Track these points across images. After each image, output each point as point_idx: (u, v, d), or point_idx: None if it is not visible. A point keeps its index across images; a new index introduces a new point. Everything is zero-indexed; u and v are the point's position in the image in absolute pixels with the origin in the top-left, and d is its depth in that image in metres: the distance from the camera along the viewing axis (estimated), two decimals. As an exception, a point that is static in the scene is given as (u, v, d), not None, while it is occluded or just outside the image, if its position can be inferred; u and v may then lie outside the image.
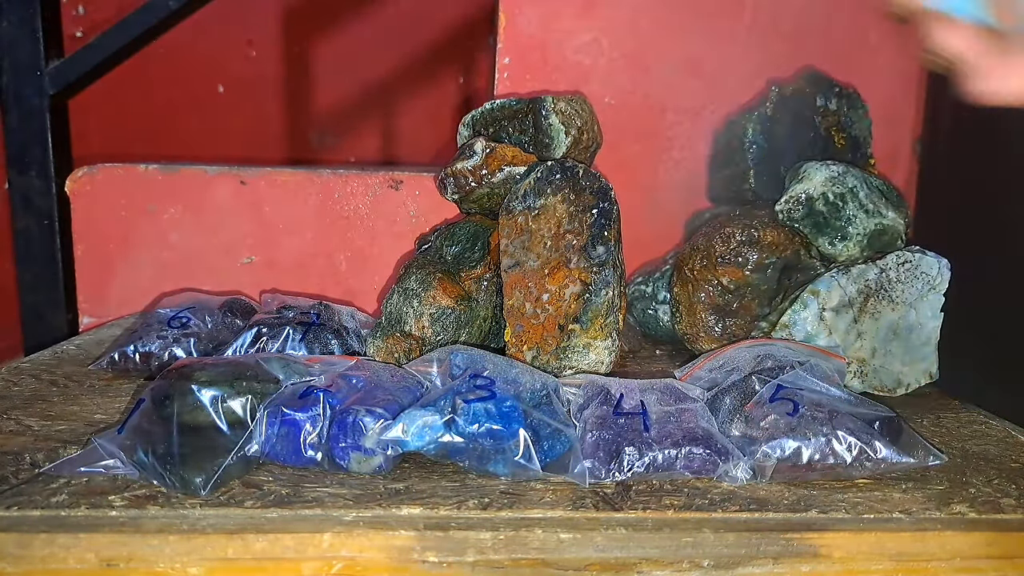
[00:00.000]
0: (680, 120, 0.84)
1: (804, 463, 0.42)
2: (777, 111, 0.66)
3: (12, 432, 0.47)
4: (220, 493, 0.40)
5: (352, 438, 0.42)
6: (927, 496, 0.41)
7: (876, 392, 0.58)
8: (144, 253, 0.80)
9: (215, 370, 0.44)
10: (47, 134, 0.84)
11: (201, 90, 1.26)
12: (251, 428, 0.42)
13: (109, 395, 0.55)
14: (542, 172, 0.55)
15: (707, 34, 0.83)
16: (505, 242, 0.55)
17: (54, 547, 0.35)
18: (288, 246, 0.81)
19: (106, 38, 0.84)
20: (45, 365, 0.62)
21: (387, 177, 0.80)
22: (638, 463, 0.42)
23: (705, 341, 0.62)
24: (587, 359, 0.55)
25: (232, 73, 1.26)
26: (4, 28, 0.83)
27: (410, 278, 0.57)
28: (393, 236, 0.81)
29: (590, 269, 0.54)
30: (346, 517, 0.37)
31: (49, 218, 0.85)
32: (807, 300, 0.56)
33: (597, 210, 0.55)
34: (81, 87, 0.88)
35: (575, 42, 0.82)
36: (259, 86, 1.27)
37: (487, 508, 0.39)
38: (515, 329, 0.55)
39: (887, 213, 0.59)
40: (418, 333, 0.55)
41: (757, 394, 0.46)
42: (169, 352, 0.60)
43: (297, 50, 1.27)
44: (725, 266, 0.60)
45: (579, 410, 0.46)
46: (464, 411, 0.42)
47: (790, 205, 0.59)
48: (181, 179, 0.80)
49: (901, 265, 0.57)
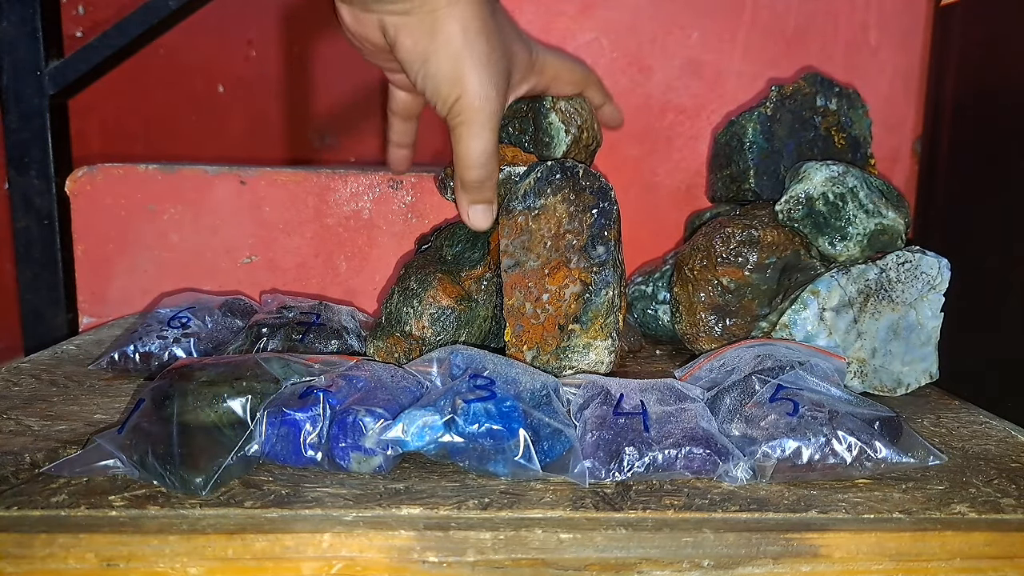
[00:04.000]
0: (680, 120, 0.84)
1: (804, 463, 0.42)
2: (777, 111, 0.66)
3: (12, 432, 0.47)
4: (220, 493, 0.40)
5: (352, 438, 0.42)
6: (927, 496, 0.41)
7: (876, 392, 0.58)
8: (144, 253, 0.80)
9: (215, 370, 0.44)
10: (47, 134, 0.84)
11: (201, 90, 1.26)
12: (251, 428, 0.42)
13: (109, 395, 0.55)
14: (542, 172, 0.55)
15: (707, 34, 0.83)
16: (505, 242, 0.55)
17: (54, 547, 0.35)
18: (288, 246, 0.81)
19: (106, 38, 0.84)
20: (45, 365, 0.62)
21: (387, 177, 0.80)
22: (638, 463, 0.42)
23: (705, 341, 0.62)
24: (587, 359, 0.55)
25: (232, 73, 1.26)
26: (4, 28, 0.83)
27: (410, 278, 0.57)
28: (393, 236, 0.81)
29: (590, 269, 0.54)
30: (346, 517, 0.37)
31: (49, 218, 0.85)
32: (807, 300, 0.56)
33: (597, 210, 0.55)
34: (81, 87, 0.88)
35: (575, 42, 0.82)
36: (259, 86, 1.27)
37: (487, 508, 0.39)
38: (515, 329, 0.55)
39: (887, 213, 0.59)
40: (418, 333, 0.55)
41: (757, 394, 0.46)
42: (169, 352, 0.60)
43: (297, 50, 1.27)
44: (725, 266, 0.60)
45: (579, 410, 0.46)
46: (464, 411, 0.42)
47: (790, 205, 0.59)
48: (181, 179, 0.80)
49: (901, 265, 0.57)
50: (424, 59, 0.50)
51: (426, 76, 0.50)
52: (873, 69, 0.84)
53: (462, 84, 0.50)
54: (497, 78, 0.51)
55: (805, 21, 0.83)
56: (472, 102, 0.50)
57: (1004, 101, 0.71)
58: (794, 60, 0.83)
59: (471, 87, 0.50)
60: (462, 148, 0.52)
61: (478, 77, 0.50)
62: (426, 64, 0.50)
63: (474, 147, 0.51)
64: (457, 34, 0.49)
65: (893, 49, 0.84)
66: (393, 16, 0.49)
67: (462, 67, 0.49)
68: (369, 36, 0.52)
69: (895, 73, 0.84)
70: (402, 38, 0.50)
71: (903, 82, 0.84)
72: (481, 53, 0.49)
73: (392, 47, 0.51)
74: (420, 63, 0.50)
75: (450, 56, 0.49)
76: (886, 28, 0.83)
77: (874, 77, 0.84)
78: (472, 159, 0.52)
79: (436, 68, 0.50)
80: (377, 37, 0.51)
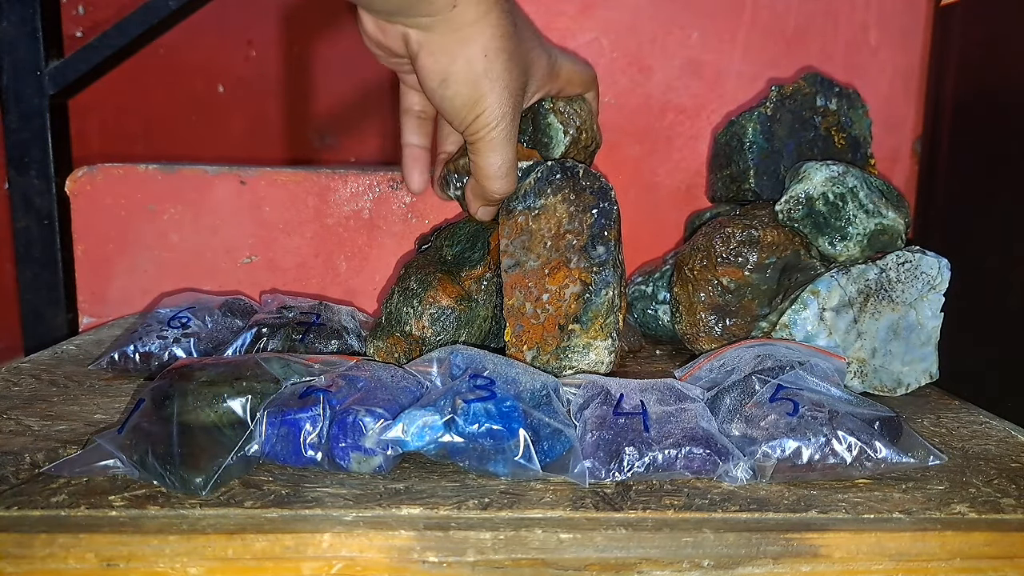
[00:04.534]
0: (680, 120, 0.84)
1: (804, 463, 0.42)
2: (777, 111, 0.66)
3: (12, 432, 0.47)
4: (220, 493, 0.40)
5: (352, 438, 0.42)
6: (927, 496, 0.41)
7: (876, 392, 0.58)
8: (144, 253, 0.80)
9: (215, 370, 0.44)
10: (47, 134, 0.84)
11: (201, 90, 1.26)
12: (251, 428, 0.42)
13: (109, 395, 0.55)
14: (542, 172, 0.55)
15: (707, 34, 0.83)
16: (505, 242, 0.55)
17: (54, 547, 0.35)
18: (288, 246, 0.81)
19: (106, 38, 0.84)
20: (45, 365, 0.62)
21: (387, 177, 0.80)
22: (638, 463, 0.42)
23: (705, 341, 0.62)
24: (587, 359, 0.55)
25: (232, 73, 1.26)
26: (4, 28, 0.83)
27: (410, 278, 0.57)
28: (393, 236, 0.81)
29: (590, 269, 0.54)
30: (346, 517, 0.37)
31: (49, 218, 0.85)
32: (807, 300, 0.56)
33: (597, 210, 0.55)
34: (81, 87, 0.88)
35: (575, 42, 0.82)
36: (259, 86, 1.27)
37: (487, 508, 0.39)
38: (515, 329, 0.55)
39: (887, 213, 0.59)
40: (418, 333, 0.55)
41: (757, 394, 0.46)
42: (169, 352, 0.60)
43: (297, 50, 1.27)
44: (725, 266, 0.60)
45: (579, 410, 0.46)
46: (464, 411, 0.42)
47: (790, 205, 0.59)
48: (181, 179, 0.80)
49: (901, 265, 0.57)
50: (443, 79, 0.50)
51: (444, 97, 0.51)
52: (873, 69, 0.84)
53: (480, 106, 0.51)
54: (516, 97, 0.52)
55: (805, 21, 0.83)
56: (490, 122, 0.51)
57: (1004, 101, 0.71)
58: (794, 60, 0.83)
59: (489, 109, 0.51)
60: (482, 162, 0.53)
61: (497, 99, 0.50)
62: (444, 84, 0.50)
63: (494, 162, 0.53)
64: (478, 58, 0.49)
65: (893, 49, 0.84)
66: (416, 31, 0.50)
67: (480, 90, 0.50)
68: (391, 46, 0.52)
69: (895, 73, 0.84)
70: (423, 54, 0.50)
71: (903, 82, 0.84)
72: (501, 74, 0.50)
73: (412, 59, 0.51)
74: (439, 82, 0.51)
75: (470, 80, 0.50)
76: (886, 28, 0.83)
77: (874, 77, 0.84)
78: (493, 172, 0.53)
79: (455, 91, 0.50)
80: (399, 47, 0.52)
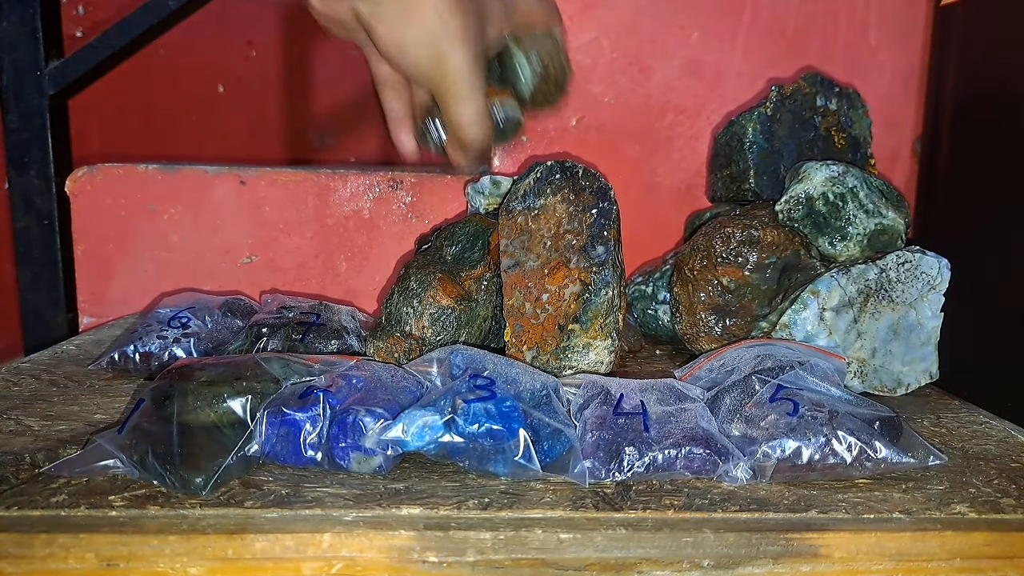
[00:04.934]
0: (680, 120, 0.84)
1: (804, 463, 0.42)
2: (777, 111, 0.66)
3: (12, 432, 0.47)
4: (220, 493, 0.40)
5: (352, 438, 0.42)
6: (927, 496, 0.41)
7: (876, 392, 0.58)
8: (144, 253, 0.80)
9: (215, 370, 0.44)
10: (47, 134, 0.84)
11: (201, 90, 1.26)
12: (251, 428, 0.42)
13: (109, 395, 0.55)
14: (542, 172, 0.55)
15: (707, 34, 0.83)
16: (505, 242, 0.55)
17: (54, 547, 0.35)
18: (288, 246, 0.81)
19: (106, 38, 0.85)
20: (45, 365, 0.62)
21: (387, 177, 0.80)
22: (638, 463, 0.42)
23: (705, 341, 0.62)
24: (587, 359, 0.55)
25: (232, 73, 1.26)
26: (4, 28, 0.83)
27: (410, 278, 0.57)
28: (393, 236, 0.81)
29: (590, 269, 0.54)
30: (346, 517, 0.37)
31: (49, 218, 0.85)
32: (807, 300, 0.56)
33: (596, 210, 0.55)
34: (81, 87, 0.88)
35: (575, 42, 0.82)
36: (259, 86, 1.27)
37: (487, 508, 0.39)
38: (515, 329, 0.55)
39: (887, 213, 0.59)
40: (418, 333, 0.55)
41: (757, 394, 0.46)
42: (169, 352, 0.60)
43: (297, 50, 1.27)
44: (725, 266, 0.60)
45: (579, 410, 0.46)
46: (464, 411, 0.42)
47: (790, 205, 0.59)
48: (181, 179, 0.80)
49: (901, 265, 0.57)
50: (400, 46, 0.50)
51: (406, 64, 0.51)
52: (873, 69, 0.84)
53: (443, 66, 0.51)
54: (476, 47, 0.52)
55: (805, 21, 0.83)
56: (456, 76, 0.51)
57: (1004, 101, 0.71)
58: (794, 60, 0.83)
59: (452, 63, 0.51)
60: (454, 114, 0.53)
61: (460, 55, 0.50)
62: (403, 52, 0.51)
63: (465, 111, 0.53)
64: (431, 20, 0.49)
65: (893, 49, 0.84)
66: (364, 3, 0.50)
67: (439, 49, 0.50)
68: (341, 19, 0.52)
69: (895, 73, 0.84)
70: (376, 25, 0.50)
71: (903, 82, 0.84)
72: (457, 30, 0.50)
73: (367, 31, 0.52)
74: (397, 50, 0.51)
75: (428, 43, 0.50)
76: (886, 28, 0.83)
77: (874, 77, 0.84)
78: (466, 120, 0.53)
79: (415, 56, 0.50)
80: (349, 21, 0.52)
